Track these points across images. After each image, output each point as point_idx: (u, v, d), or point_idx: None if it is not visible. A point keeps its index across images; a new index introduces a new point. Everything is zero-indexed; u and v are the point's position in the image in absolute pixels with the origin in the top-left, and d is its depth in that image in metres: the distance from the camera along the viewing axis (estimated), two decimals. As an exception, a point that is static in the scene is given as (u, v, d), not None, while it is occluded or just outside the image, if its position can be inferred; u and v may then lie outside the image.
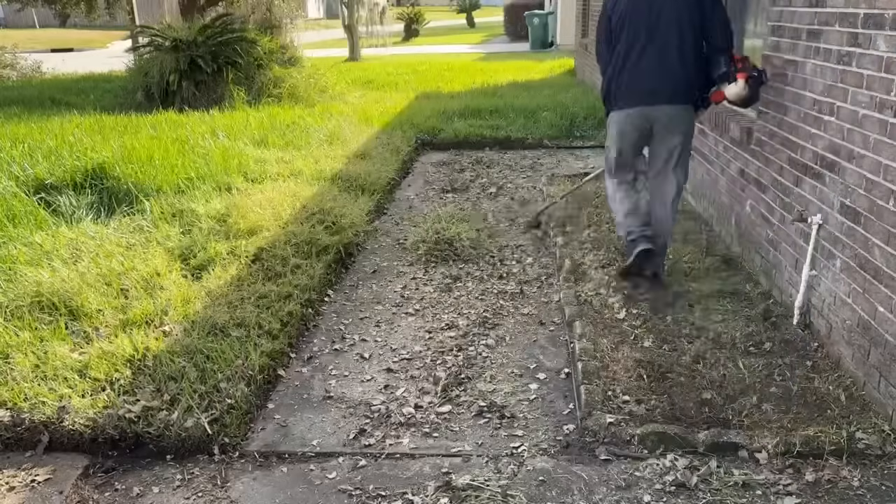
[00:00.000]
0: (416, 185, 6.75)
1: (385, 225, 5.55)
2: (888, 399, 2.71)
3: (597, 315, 3.66)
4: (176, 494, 2.57)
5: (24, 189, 5.33)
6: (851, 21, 2.99)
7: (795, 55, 3.55)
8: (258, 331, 3.47)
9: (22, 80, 15.26)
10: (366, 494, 2.52)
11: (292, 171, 6.28)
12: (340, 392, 3.20)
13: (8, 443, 2.81)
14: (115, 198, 5.36)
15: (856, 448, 2.59)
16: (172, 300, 3.72)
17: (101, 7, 23.54)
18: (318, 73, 11.99)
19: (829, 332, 3.19)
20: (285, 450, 2.80)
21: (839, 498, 2.41)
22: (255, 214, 4.95)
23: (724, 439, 2.65)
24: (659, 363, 3.17)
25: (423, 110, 9.56)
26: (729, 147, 4.55)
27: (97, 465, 2.73)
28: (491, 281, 4.36)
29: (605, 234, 4.78)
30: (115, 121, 8.47)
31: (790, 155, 3.61)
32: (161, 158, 6.26)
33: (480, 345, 3.57)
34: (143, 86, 10.28)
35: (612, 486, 2.51)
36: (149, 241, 4.52)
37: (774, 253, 3.81)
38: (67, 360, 3.16)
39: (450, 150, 8.16)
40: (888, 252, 2.71)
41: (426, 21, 32.11)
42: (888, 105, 2.71)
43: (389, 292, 4.27)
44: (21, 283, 3.78)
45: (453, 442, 2.81)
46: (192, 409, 2.86)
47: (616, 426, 2.75)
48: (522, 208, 5.79)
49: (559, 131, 8.34)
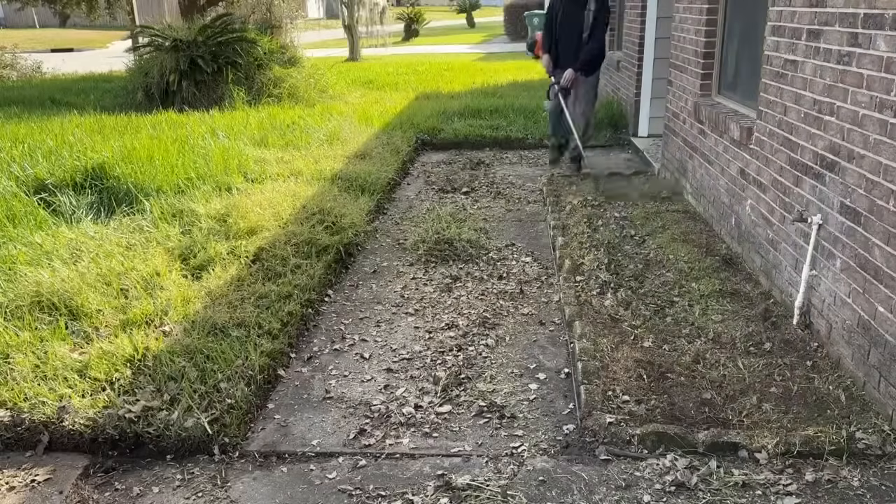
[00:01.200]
0: (415, 185, 6.75)
1: (385, 225, 5.55)
2: (888, 399, 2.71)
3: (597, 315, 3.66)
4: (176, 494, 2.57)
5: (24, 189, 5.33)
6: (851, 21, 2.99)
7: (795, 55, 3.55)
8: (258, 331, 3.47)
9: (22, 80, 15.26)
10: (366, 494, 2.52)
11: (292, 171, 6.28)
12: (340, 392, 3.20)
13: (8, 443, 2.81)
14: (115, 198, 5.36)
15: (856, 448, 2.59)
16: (172, 300, 3.72)
17: (102, 7, 23.54)
18: (318, 73, 11.99)
19: (829, 332, 3.19)
20: (285, 450, 2.80)
21: (839, 498, 2.41)
22: (255, 214, 4.94)
23: (724, 439, 2.65)
24: (659, 363, 3.17)
25: (423, 110, 9.56)
26: (729, 147, 4.55)
27: (97, 465, 2.73)
28: (491, 281, 4.36)
29: (606, 234, 4.78)
30: (115, 121, 8.47)
31: (790, 155, 3.61)
32: (161, 158, 6.26)
33: (480, 345, 3.57)
34: (143, 86, 10.28)
35: (612, 486, 2.51)
36: (149, 241, 4.51)
37: (774, 253, 3.81)
38: (67, 360, 3.16)
39: (450, 150, 8.17)
40: (888, 252, 2.71)
41: (426, 21, 32.11)
42: (888, 105, 2.71)
43: (389, 292, 4.28)
44: (21, 283, 3.78)
45: (453, 442, 2.81)
46: (192, 409, 2.86)
47: (616, 426, 2.75)
48: (523, 208, 5.80)
49: (559, 131, 8.32)
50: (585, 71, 6.54)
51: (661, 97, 7.02)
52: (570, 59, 6.51)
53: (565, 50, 6.57)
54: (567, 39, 6.51)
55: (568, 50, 6.53)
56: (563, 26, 6.54)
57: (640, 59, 7.65)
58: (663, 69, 6.83)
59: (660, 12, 7.19)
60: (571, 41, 6.47)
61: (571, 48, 6.49)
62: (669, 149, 6.16)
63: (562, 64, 6.62)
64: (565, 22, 6.52)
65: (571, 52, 6.50)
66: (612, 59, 9.27)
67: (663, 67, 6.85)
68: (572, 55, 6.49)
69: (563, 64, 6.60)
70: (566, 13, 6.50)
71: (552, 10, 6.69)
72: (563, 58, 6.62)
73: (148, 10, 23.12)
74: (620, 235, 4.81)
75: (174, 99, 9.98)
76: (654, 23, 7.34)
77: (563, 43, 6.57)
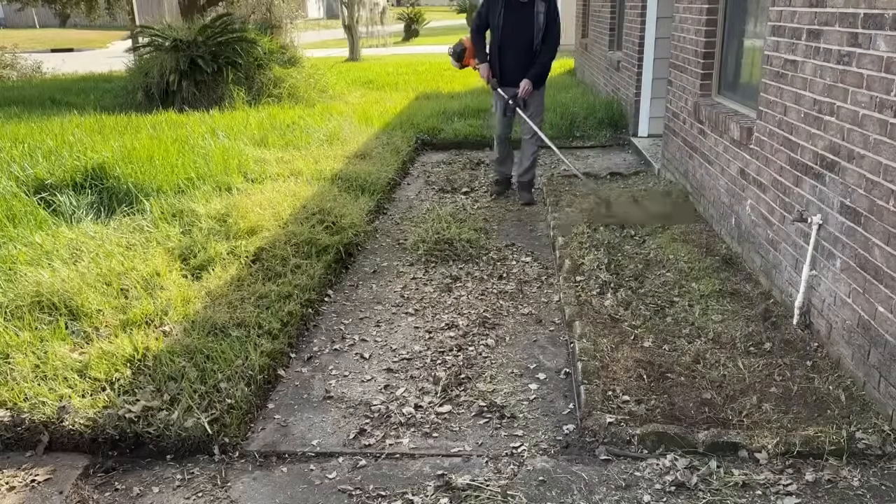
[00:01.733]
0: (415, 185, 6.75)
1: (385, 225, 5.55)
2: (888, 399, 2.71)
3: (597, 315, 3.66)
4: (176, 494, 2.57)
5: (24, 189, 5.33)
6: (851, 21, 2.99)
7: (795, 55, 3.55)
8: (258, 331, 3.47)
9: (22, 80, 15.28)
10: (366, 494, 2.52)
11: (292, 171, 6.28)
12: (340, 392, 3.20)
13: (8, 443, 2.81)
14: (115, 198, 5.36)
15: (856, 448, 2.59)
16: (172, 300, 3.72)
17: (101, 7, 23.56)
18: (318, 73, 12.00)
19: (829, 332, 3.19)
20: (285, 450, 2.80)
21: (839, 498, 2.41)
22: (255, 214, 4.95)
23: (724, 439, 2.65)
24: (659, 363, 3.17)
25: (423, 110, 9.56)
26: (729, 147, 4.55)
27: (97, 465, 2.73)
28: (491, 281, 4.36)
29: (606, 234, 4.78)
30: (115, 121, 8.47)
31: (790, 155, 3.61)
32: (161, 158, 6.26)
33: (480, 345, 3.57)
34: (143, 86, 10.28)
35: (612, 486, 2.51)
36: (149, 241, 4.51)
37: (774, 253, 3.81)
38: (67, 360, 3.16)
39: (450, 150, 8.17)
40: (888, 252, 2.71)
41: (426, 21, 32.11)
42: (888, 105, 2.71)
43: (389, 292, 4.27)
44: (21, 283, 3.78)
45: (453, 442, 2.81)
46: (192, 409, 2.86)
47: (616, 426, 2.75)
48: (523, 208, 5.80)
49: (559, 131, 8.32)
50: (537, 83, 5.69)
51: (661, 97, 7.02)
52: (519, 69, 5.61)
53: (513, 59, 5.62)
54: (515, 47, 5.58)
55: (516, 59, 5.61)
56: (509, 31, 5.56)
57: (640, 59, 7.65)
58: (663, 69, 6.84)
59: (660, 12, 7.19)
60: (520, 49, 5.57)
61: (520, 57, 5.59)
62: (669, 149, 6.16)
63: (508, 76, 5.68)
64: (511, 26, 5.54)
65: (520, 62, 5.60)
66: (612, 59, 9.28)
67: (663, 67, 6.85)
68: (521, 65, 5.60)
69: (509, 76, 5.67)
70: (511, 16, 5.53)
71: (489, 12, 5.64)
72: (509, 69, 5.66)
73: (148, 10, 23.12)
74: (620, 235, 4.81)
75: (174, 99, 9.99)
76: (654, 23, 7.34)
77: (510, 51, 5.60)
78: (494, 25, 5.59)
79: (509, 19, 5.54)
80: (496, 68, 5.71)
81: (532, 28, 5.50)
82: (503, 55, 5.64)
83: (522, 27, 5.52)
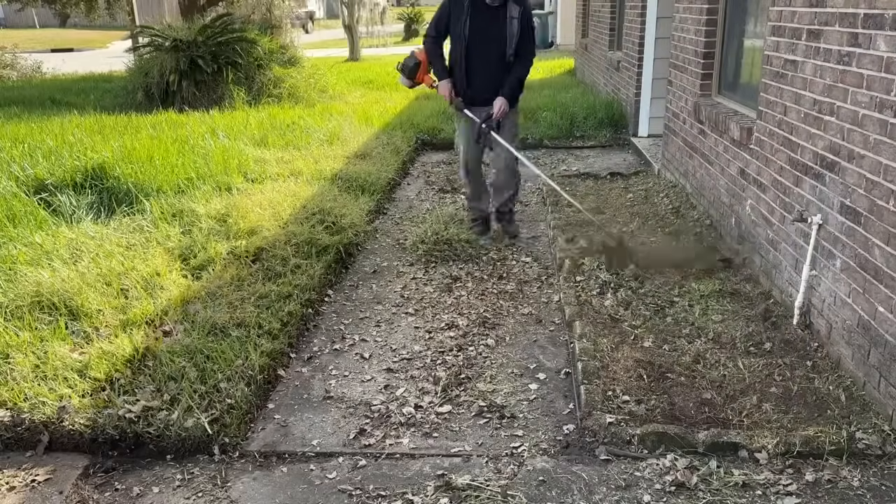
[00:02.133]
0: (416, 185, 6.75)
1: (385, 225, 5.55)
2: (888, 399, 2.71)
3: (597, 315, 3.66)
4: (176, 494, 2.57)
5: (24, 189, 5.33)
6: (851, 21, 2.99)
7: (795, 55, 3.55)
8: (258, 331, 3.47)
9: (22, 80, 15.27)
10: (366, 494, 2.52)
11: (292, 171, 6.28)
12: (340, 392, 3.20)
13: (8, 443, 2.81)
14: (115, 198, 5.36)
15: (856, 448, 2.59)
16: (172, 300, 3.72)
17: (101, 7, 23.56)
18: (318, 73, 12.00)
19: (829, 332, 3.19)
20: (285, 450, 2.80)
21: (839, 498, 2.41)
22: (255, 214, 4.95)
23: (724, 439, 2.65)
24: (659, 363, 3.17)
25: (423, 110, 9.55)
26: (729, 147, 4.55)
27: (97, 465, 2.73)
28: (491, 281, 4.36)
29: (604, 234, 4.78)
30: (115, 121, 8.47)
31: (790, 155, 3.61)
32: (161, 158, 6.26)
33: (480, 345, 3.57)
34: (143, 86, 10.28)
35: (612, 486, 2.51)
36: (149, 241, 4.51)
37: (774, 253, 3.81)
38: (67, 360, 3.16)
39: (450, 150, 8.14)
40: (888, 252, 2.71)
41: (426, 21, 32.09)
42: (888, 105, 2.71)
43: (389, 292, 4.27)
44: (21, 283, 3.78)
45: (453, 442, 2.81)
46: (192, 409, 2.86)
47: (616, 426, 2.75)
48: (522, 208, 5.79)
49: (559, 131, 8.34)
50: (512, 101, 4.73)
51: (661, 97, 7.02)
52: (490, 85, 4.63)
53: (482, 74, 4.62)
54: (484, 59, 4.59)
55: (486, 73, 4.61)
56: (477, 40, 4.56)
57: (640, 59, 7.65)
58: (663, 69, 6.84)
59: (660, 12, 7.19)
60: (490, 61, 4.59)
61: (490, 71, 4.61)
62: (669, 149, 6.16)
63: (477, 94, 4.68)
64: (479, 34, 4.55)
65: (491, 77, 4.62)
66: (612, 59, 9.28)
67: (663, 67, 6.85)
68: (492, 81, 4.62)
69: (478, 94, 4.67)
70: (479, 22, 4.53)
71: (451, 17, 4.64)
72: (478, 85, 4.66)
73: (148, 10, 23.11)
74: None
75: (174, 99, 9.98)
76: (654, 23, 7.34)
77: (479, 64, 4.60)
78: (458, 34, 4.59)
79: (477, 26, 4.55)
80: (461, 85, 4.70)
81: (504, 36, 4.54)
82: (470, 69, 4.64)
83: (493, 35, 4.56)
